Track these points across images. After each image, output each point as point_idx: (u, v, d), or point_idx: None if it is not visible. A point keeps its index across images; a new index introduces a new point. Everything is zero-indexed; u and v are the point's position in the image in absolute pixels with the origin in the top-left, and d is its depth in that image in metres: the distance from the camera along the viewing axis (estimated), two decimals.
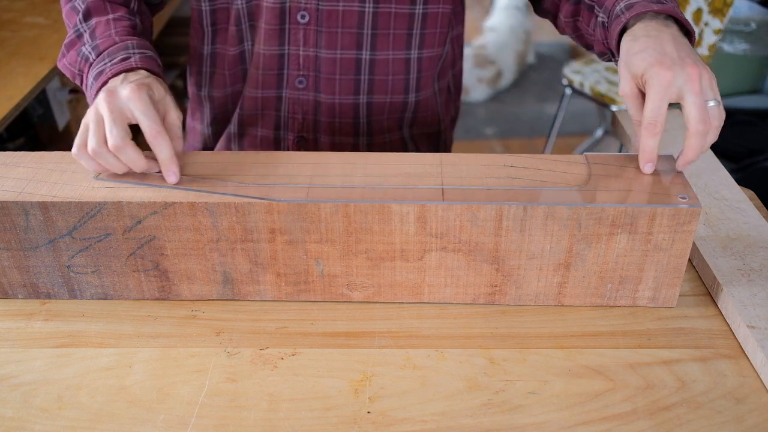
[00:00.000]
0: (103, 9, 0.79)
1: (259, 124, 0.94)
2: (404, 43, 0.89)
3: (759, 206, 0.84)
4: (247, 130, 0.96)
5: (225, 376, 0.63)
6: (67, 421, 0.59)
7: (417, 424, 0.58)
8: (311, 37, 0.87)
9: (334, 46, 0.87)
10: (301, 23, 0.86)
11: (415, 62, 0.91)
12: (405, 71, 0.91)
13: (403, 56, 0.90)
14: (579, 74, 2.39)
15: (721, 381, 0.62)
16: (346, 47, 0.88)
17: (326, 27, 0.86)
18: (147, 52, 0.75)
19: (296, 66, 0.89)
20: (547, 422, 0.58)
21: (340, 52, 0.88)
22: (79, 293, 0.71)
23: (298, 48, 0.88)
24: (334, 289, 0.70)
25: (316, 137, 0.94)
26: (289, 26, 0.86)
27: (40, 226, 0.66)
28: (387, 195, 0.65)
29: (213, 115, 0.97)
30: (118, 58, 0.73)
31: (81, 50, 0.77)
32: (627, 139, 0.99)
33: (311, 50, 0.88)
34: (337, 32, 0.86)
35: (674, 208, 0.63)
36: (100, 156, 0.65)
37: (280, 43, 0.87)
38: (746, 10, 2.70)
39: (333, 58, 0.88)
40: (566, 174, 0.68)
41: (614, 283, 0.69)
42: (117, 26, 0.78)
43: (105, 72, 0.73)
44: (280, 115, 0.93)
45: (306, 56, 0.88)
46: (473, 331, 0.68)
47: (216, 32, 0.90)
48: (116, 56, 0.74)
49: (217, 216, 0.65)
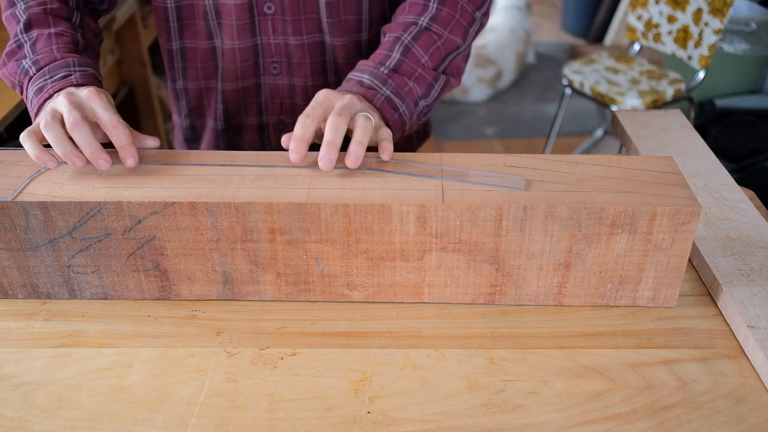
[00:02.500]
0: (44, 21, 0.80)
1: (243, 113, 0.99)
2: (354, 27, 0.92)
3: (759, 206, 0.84)
4: (232, 122, 0.99)
5: (225, 376, 0.63)
6: (67, 421, 0.59)
7: (417, 424, 0.58)
8: (279, 25, 0.91)
9: (300, 33, 0.91)
10: (268, 14, 0.90)
11: (365, 44, 0.95)
12: (358, 52, 0.95)
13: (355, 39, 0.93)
14: (579, 74, 2.39)
15: (721, 381, 0.62)
16: (311, 32, 0.91)
17: (291, 15, 0.90)
18: (88, 70, 0.77)
19: (269, 54, 0.93)
20: (547, 422, 0.58)
21: (306, 37, 0.91)
22: (79, 293, 0.71)
23: (269, 37, 0.92)
24: (334, 289, 0.70)
25: (294, 120, 0.97)
26: (258, 18, 0.90)
27: (40, 226, 0.66)
28: (387, 195, 0.65)
29: (189, 108, 1.01)
30: (59, 75, 0.75)
31: (21, 63, 0.78)
32: (627, 139, 0.99)
33: (281, 38, 0.92)
34: (300, 19, 0.90)
35: (674, 207, 0.63)
36: (50, 130, 0.68)
37: (252, 34, 0.91)
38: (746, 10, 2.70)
39: (301, 44, 0.92)
40: (566, 174, 0.68)
41: (614, 283, 0.69)
42: (58, 41, 0.79)
43: (46, 88, 0.74)
44: (261, 101, 0.97)
45: (277, 44, 0.92)
46: (473, 331, 0.68)
47: (183, 28, 0.93)
48: (57, 73, 0.75)
49: (217, 216, 0.65)
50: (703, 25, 2.17)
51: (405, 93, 0.81)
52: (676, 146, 0.95)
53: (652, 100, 2.24)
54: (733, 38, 2.65)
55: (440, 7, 0.85)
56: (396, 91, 0.80)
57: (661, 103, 2.27)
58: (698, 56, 2.21)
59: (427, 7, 0.85)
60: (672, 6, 2.27)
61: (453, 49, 0.86)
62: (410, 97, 0.82)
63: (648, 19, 2.36)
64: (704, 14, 2.16)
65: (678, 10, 2.25)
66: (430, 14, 0.85)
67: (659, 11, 2.31)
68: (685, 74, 2.45)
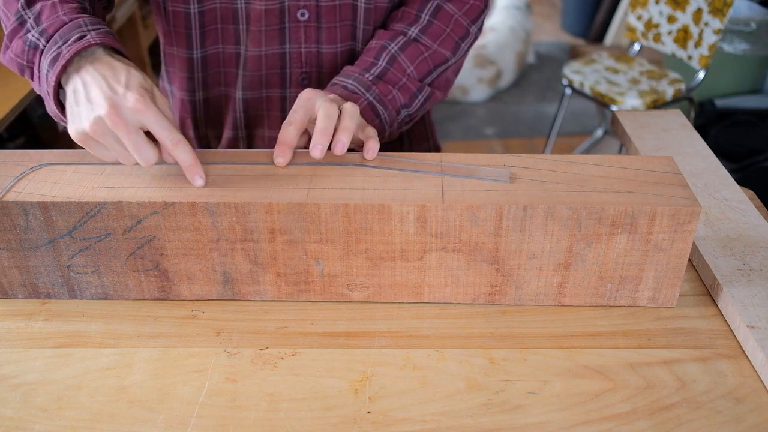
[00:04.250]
0: None
1: (266, 125, 0.95)
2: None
3: (759, 206, 0.84)
4: (254, 132, 0.96)
5: (225, 376, 0.63)
6: (67, 421, 0.59)
7: (417, 424, 0.58)
8: (312, 33, 0.87)
9: (334, 41, 0.88)
10: (301, 21, 0.86)
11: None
12: None
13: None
14: (579, 74, 2.39)
15: (721, 381, 0.62)
16: (344, 40, 0.88)
17: (326, 23, 0.86)
18: (102, 27, 0.69)
19: (299, 64, 0.89)
20: (547, 422, 0.58)
21: (340, 46, 0.88)
22: (79, 293, 0.71)
23: (299, 46, 0.88)
24: (334, 289, 0.70)
25: None
26: (288, 25, 0.86)
27: (40, 226, 0.66)
28: (387, 195, 0.65)
29: (207, 118, 0.96)
30: (72, 38, 0.67)
31: (27, 38, 0.69)
32: (627, 139, 0.99)
33: (312, 47, 0.88)
34: (336, 26, 0.87)
35: (674, 207, 0.63)
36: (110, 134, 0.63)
37: (281, 42, 0.87)
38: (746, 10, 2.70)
39: (334, 53, 0.89)
40: (566, 174, 0.68)
41: (614, 283, 0.69)
42: (64, 8, 0.71)
43: (62, 55, 0.66)
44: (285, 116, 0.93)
45: (308, 53, 0.88)
46: (473, 331, 0.68)
47: (206, 34, 0.88)
48: (70, 36, 0.67)
49: (217, 216, 0.65)
50: (703, 25, 2.17)
51: (388, 101, 0.81)
52: (676, 146, 0.95)
53: (652, 100, 2.24)
54: (733, 38, 2.65)
55: (431, 20, 0.84)
56: (379, 98, 0.80)
57: (661, 103, 2.27)
58: (698, 56, 2.21)
59: (418, 18, 0.84)
60: (672, 6, 2.27)
61: (441, 62, 0.85)
62: (393, 105, 0.82)
63: (648, 19, 2.36)
64: (704, 14, 2.16)
65: (678, 10, 2.25)
66: (420, 26, 0.84)
67: (659, 11, 2.31)
68: (685, 74, 2.45)
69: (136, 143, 0.63)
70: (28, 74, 0.71)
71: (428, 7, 0.85)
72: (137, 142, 0.63)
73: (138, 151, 0.63)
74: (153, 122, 0.63)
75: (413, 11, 0.85)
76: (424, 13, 0.84)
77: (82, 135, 0.64)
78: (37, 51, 0.69)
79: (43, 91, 0.69)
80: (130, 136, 0.62)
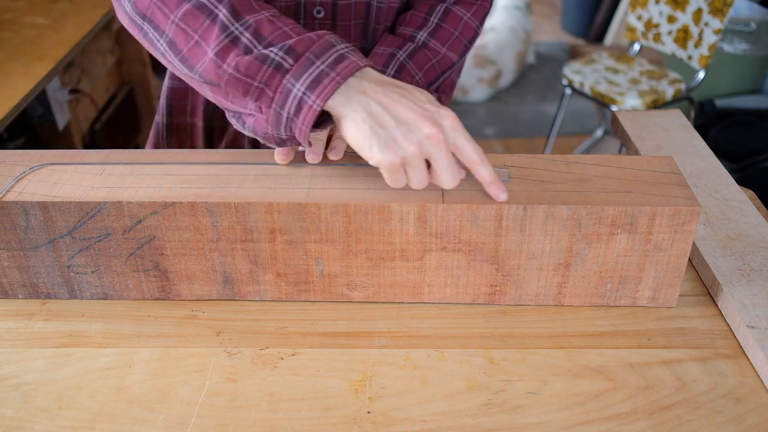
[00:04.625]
0: (250, 8, 0.65)
1: None
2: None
3: (759, 206, 0.84)
4: None
5: (225, 376, 0.63)
6: (67, 421, 0.59)
7: (417, 424, 0.58)
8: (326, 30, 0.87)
9: (347, 39, 0.87)
10: (317, 18, 0.85)
11: None
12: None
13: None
14: (579, 74, 2.39)
15: (721, 381, 0.62)
16: (357, 39, 0.88)
17: (340, 21, 0.86)
18: (349, 44, 0.64)
19: None
20: (547, 422, 0.58)
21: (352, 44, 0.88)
22: (79, 293, 0.71)
23: None
24: (334, 289, 0.70)
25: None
26: (304, 22, 0.85)
27: (40, 226, 0.66)
28: (387, 195, 0.65)
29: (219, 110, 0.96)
30: (331, 58, 0.61)
31: (262, 56, 0.62)
32: (627, 139, 0.99)
33: None
34: (350, 25, 0.86)
35: (674, 207, 0.63)
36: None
37: None
38: (746, 10, 2.70)
39: None
40: (566, 174, 0.68)
41: (614, 283, 0.69)
42: (284, 21, 0.64)
43: (330, 76, 0.60)
44: None
45: None
46: (473, 331, 0.68)
47: None
48: (328, 57, 0.61)
49: (217, 216, 0.65)
50: (703, 25, 2.17)
51: None
52: (676, 146, 0.95)
53: (652, 100, 2.24)
54: (733, 38, 2.65)
55: (440, 23, 0.83)
56: None
57: (661, 103, 2.27)
58: (698, 56, 2.21)
59: (427, 21, 0.83)
60: (672, 6, 2.27)
61: (449, 66, 0.84)
62: None
63: (648, 19, 2.36)
64: (704, 14, 2.16)
65: (678, 10, 2.25)
66: (429, 29, 0.83)
67: (659, 11, 2.31)
68: (685, 74, 2.45)
69: (452, 165, 0.61)
70: (254, 95, 0.63)
71: (437, 10, 0.84)
72: (453, 164, 0.61)
73: (453, 173, 0.61)
74: (465, 140, 0.61)
75: (422, 14, 0.85)
76: (432, 16, 0.84)
77: (400, 159, 0.60)
78: (279, 71, 0.61)
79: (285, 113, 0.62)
80: (450, 157, 0.60)
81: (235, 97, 0.64)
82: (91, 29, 1.63)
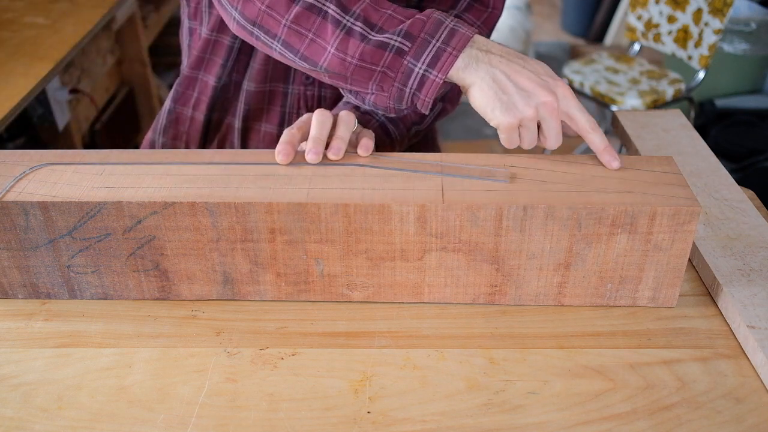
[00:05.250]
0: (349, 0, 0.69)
1: (264, 120, 0.95)
2: None
3: (759, 206, 0.84)
4: (251, 125, 0.96)
5: (225, 376, 0.63)
6: (67, 421, 0.59)
7: (417, 424, 0.58)
8: None
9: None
10: None
11: None
12: None
13: None
14: (579, 74, 2.39)
15: (721, 381, 0.62)
16: None
17: None
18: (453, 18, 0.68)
19: None
20: (547, 422, 0.58)
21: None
22: (79, 293, 0.71)
23: None
24: (334, 289, 0.70)
25: None
26: None
27: (40, 226, 0.66)
28: (387, 195, 0.65)
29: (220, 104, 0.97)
30: (444, 35, 0.66)
31: (381, 42, 0.66)
32: (627, 139, 0.99)
33: None
34: None
35: (674, 207, 0.63)
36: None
37: None
38: (746, 10, 2.70)
39: None
40: (566, 174, 0.68)
41: (614, 283, 0.69)
42: (386, 6, 0.68)
43: (447, 51, 0.65)
44: (284, 111, 0.94)
45: None
46: (473, 331, 0.68)
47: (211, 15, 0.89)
48: (441, 34, 0.66)
49: (217, 216, 0.65)
50: (703, 25, 2.17)
51: (400, 119, 0.81)
52: (676, 146, 0.95)
53: (652, 100, 2.24)
54: (733, 38, 2.65)
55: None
56: (391, 118, 0.80)
57: (661, 103, 2.27)
58: (698, 56, 2.21)
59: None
60: (672, 6, 2.27)
61: None
62: (404, 123, 0.81)
63: (648, 19, 2.36)
64: (704, 14, 2.16)
65: (678, 10, 2.25)
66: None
67: (659, 11, 2.31)
68: (685, 74, 2.45)
69: (560, 130, 0.67)
70: (378, 79, 0.68)
71: None
72: (560, 130, 0.67)
73: (559, 137, 0.68)
74: (576, 109, 0.67)
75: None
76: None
77: (518, 121, 0.66)
78: (400, 54, 0.67)
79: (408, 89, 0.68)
80: (559, 123, 0.67)
81: (357, 82, 0.69)
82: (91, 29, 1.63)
